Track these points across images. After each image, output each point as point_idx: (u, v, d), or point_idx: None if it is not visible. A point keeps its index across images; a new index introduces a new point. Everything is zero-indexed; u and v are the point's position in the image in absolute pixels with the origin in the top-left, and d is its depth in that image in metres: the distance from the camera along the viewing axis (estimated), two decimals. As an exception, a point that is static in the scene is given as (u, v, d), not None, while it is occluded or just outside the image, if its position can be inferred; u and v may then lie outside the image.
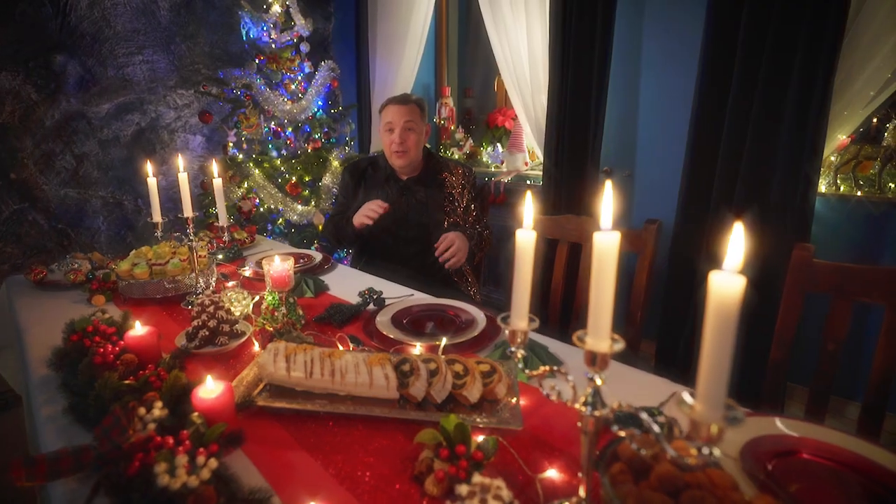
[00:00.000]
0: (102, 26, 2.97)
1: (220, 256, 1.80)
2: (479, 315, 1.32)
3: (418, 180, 1.93)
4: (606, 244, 0.56)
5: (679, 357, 2.20)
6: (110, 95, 3.05)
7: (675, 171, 2.26)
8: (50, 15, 2.80)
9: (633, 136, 2.59)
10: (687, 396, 0.49)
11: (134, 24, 3.06)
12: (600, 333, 0.58)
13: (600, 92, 2.41)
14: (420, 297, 1.49)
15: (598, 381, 0.60)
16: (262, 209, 2.59)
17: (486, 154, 3.25)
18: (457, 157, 3.40)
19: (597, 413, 0.61)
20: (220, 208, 1.38)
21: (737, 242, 0.45)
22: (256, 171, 2.51)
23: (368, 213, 1.76)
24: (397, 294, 1.50)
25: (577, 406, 0.62)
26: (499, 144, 3.18)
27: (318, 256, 1.81)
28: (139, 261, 1.48)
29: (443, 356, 1.01)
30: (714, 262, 0.46)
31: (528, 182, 2.90)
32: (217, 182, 1.37)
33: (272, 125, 2.79)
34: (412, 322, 1.30)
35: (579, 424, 0.62)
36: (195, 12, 3.24)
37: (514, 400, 0.93)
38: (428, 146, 2.01)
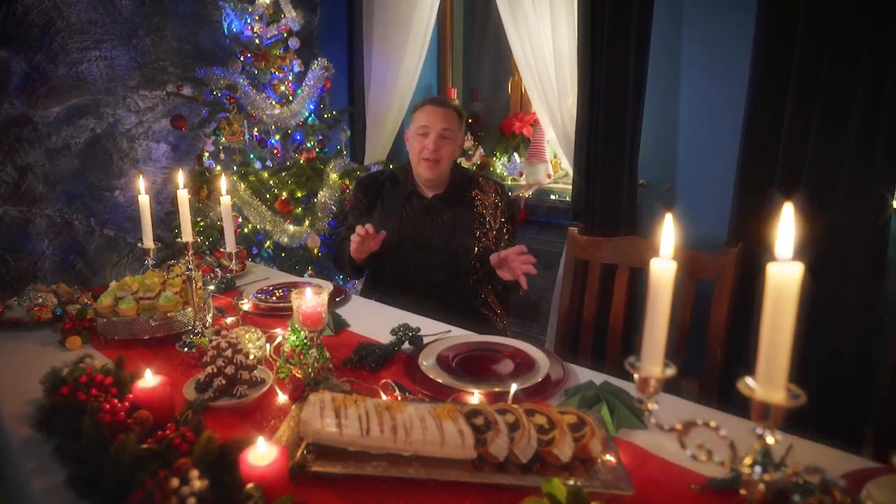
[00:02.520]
0: (54, 17, 2.94)
1: (212, 287, 1.75)
2: (539, 355, 1.30)
3: (444, 198, 1.92)
4: (787, 277, 0.55)
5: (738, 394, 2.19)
6: (61, 97, 3.00)
7: (724, 186, 2.29)
8: (-7, 4, 2.77)
9: (674, 146, 2.63)
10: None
11: (90, 15, 3.04)
12: (774, 381, 0.57)
13: (637, 96, 2.45)
14: (460, 334, 1.46)
15: (770, 440, 0.59)
16: (245, 230, 2.54)
17: (501, 165, 3.27)
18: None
19: (766, 477, 0.59)
20: (228, 231, 1.35)
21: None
22: (241, 185, 2.48)
23: (354, 238, 1.69)
24: (430, 330, 1.48)
25: (742, 468, 0.60)
26: (516, 154, 3.21)
27: (328, 286, 1.78)
28: (124, 294, 1.43)
29: (516, 406, 0.99)
30: None
31: (553, 197, 2.92)
32: (225, 200, 1.34)
33: (255, 132, 2.77)
34: (462, 364, 1.27)
35: (743, 492, 0.61)
36: (162, 2, 3.23)
37: (609, 458, 0.91)
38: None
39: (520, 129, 3.23)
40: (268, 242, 2.53)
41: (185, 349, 1.38)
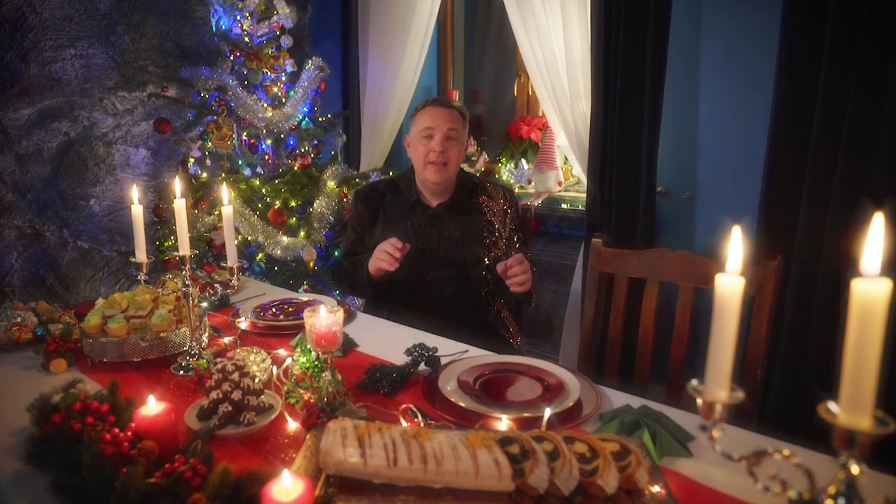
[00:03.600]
0: (26, 12, 2.92)
1: (205, 304, 1.74)
2: (567, 376, 1.30)
3: (451, 206, 1.92)
4: (874, 293, 0.55)
5: (770, 413, 2.18)
6: (32, 98, 2.97)
7: (750, 194, 2.30)
8: (-39, -2, 2.75)
9: (694, 152, 2.65)
10: None
11: (65, 11, 3.02)
12: (860, 407, 0.57)
13: (655, 97, 2.46)
14: (477, 354, 1.45)
15: (855, 470, 0.58)
16: (235, 241, 2.52)
17: (507, 171, 3.28)
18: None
19: (851, 510, 0.59)
20: (229, 243, 1.34)
21: None
22: (231, 193, 2.46)
23: (383, 256, 1.70)
24: (444, 349, 1.46)
25: (825, 500, 0.59)
26: (524, 160, 3.22)
27: (331, 301, 1.76)
28: (113, 312, 1.41)
29: (552, 433, 0.98)
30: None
31: (564, 206, 2.93)
32: (227, 210, 1.33)
33: (244, 136, 2.75)
34: (485, 387, 1.26)
35: (825, 526, 0.60)
36: (142, -3, 3.23)
37: (658, 489, 0.90)
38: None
39: (527, 133, 3.25)
40: (260, 255, 2.51)
41: (181, 372, 1.36)
